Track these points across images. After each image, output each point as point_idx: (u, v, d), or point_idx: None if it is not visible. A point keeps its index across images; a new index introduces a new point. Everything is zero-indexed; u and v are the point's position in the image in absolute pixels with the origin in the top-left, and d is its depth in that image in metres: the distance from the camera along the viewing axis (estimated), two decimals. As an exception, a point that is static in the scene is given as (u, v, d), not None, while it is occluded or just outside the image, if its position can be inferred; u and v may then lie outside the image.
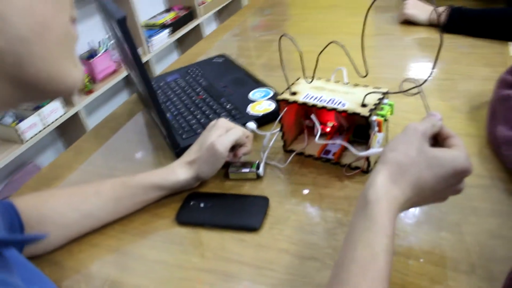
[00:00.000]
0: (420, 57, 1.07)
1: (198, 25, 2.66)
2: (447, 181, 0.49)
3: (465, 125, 0.79)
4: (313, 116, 0.71)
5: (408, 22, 1.20)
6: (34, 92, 0.29)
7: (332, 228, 0.62)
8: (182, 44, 2.81)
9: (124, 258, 0.64)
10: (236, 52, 1.26)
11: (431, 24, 1.17)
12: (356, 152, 0.64)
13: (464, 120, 0.80)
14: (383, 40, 1.16)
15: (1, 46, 0.25)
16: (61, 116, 1.94)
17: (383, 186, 0.47)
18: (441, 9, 1.13)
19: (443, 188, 0.50)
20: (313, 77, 0.72)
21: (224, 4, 2.93)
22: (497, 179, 0.65)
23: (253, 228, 0.63)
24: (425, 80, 0.57)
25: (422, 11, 1.17)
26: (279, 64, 1.14)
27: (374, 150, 0.63)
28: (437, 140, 0.54)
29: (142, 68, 0.69)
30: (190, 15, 2.59)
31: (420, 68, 1.02)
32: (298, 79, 0.76)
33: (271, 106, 0.87)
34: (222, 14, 3.13)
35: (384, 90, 0.67)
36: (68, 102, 1.97)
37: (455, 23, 1.09)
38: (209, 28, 3.03)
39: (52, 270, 0.63)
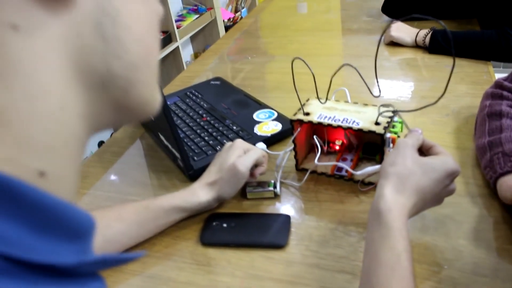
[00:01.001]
0: (410, 77, 1.13)
1: (175, 49, 2.68)
2: (443, 182, 0.56)
3: (461, 139, 0.84)
4: (315, 138, 0.75)
5: (394, 44, 1.27)
6: (126, 115, 0.31)
7: (357, 242, 0.64)
8: (159, 67, 2.81)
9: (151, 282, 0.64)
10: (229, 74, 1.29)
11: (415, 46, 1.24)
12: (354, 172, 0.70)
13: (458, 134, 0.85)
14: (372, 61, 1.22)
15: (116, 71, 0.26)
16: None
17: (391, 197, 0.53)
18: (424, 31, 1.21)
19: (440, 189, 0.57)
20: (326, 98, 0.75)
21: (200, 28, 2.97)
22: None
23: (280, 245, 0.65)
24: (436, 102, 0.61)
25: (407, 34, 1.23)
26: (273, 86, 1.18)
27: (371, 168, 0.67)
28: (422, 151, 0.62)
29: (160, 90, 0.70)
30: (169, 38, 2.61)
31: (409, 88, 1.07)
32: (308, 100, 0.79)
33: (277, 126, 0.90)
34: (197, 38, 3.16)
35: (393, 108, 0.72)
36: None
37: (438, 44, 1.17)
38: (185, 52, 3.05)
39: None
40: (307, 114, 0.75)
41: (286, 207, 0.74)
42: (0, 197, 0.20)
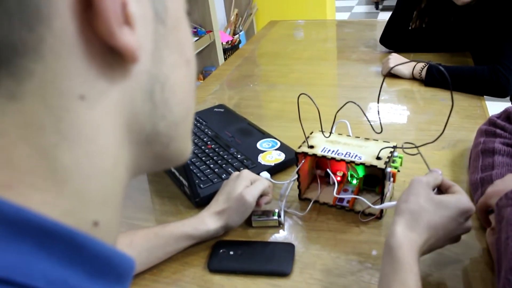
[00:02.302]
0: (407, 109, 1.17)
1: (175, 70, 2.72)
2: (456, 220, 0.59)
3: (456, 172, 0.88)
4: (329, 170, 0.78)
5: (392, 75, 1.32)
6: (162, 164, 0.34)
7: (358, 271, 0.67)
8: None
9: (161, 307, 0.67)
10: (231, 101, 1.33)
11: (412, 78, 1.29)
12: (373, 206, 0.72)
13: (453, 167, 0.89)
14: (371, 92, 1.27)
15: (161, 130, 0.29)
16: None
17: (402, 234, 0.56)
18: (420, 65, 1.26)
19: (455, 227, 0.59)
20: (330, 132, 0.79)
21: (199, 50, 3.02)
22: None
23: (284, 273, 0.68)
24: (435, 141, 0.65)
25: (404, 66, 1.29)
26: (275, 114, 1.22)
27: (388, 203, 0.71)
28: (441, 191, 0.65)
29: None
30: (168, 60, 2.66)
31: (406, 119, 1.12)
32: (312, 133, 0.83)
33: (280, 156, 0.94)
34: (196, 59, 3.22)
35: (394, 144, 0.76)
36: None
37: (434, 78, 1.22)
38: (183, 72, 3.10)
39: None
40: (311, 147, 0.78)
41: (290, 235, 0.77)
42: (65, 248, 0.23)
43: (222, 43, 3.24)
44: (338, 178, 0.84)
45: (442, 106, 1.13)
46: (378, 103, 0.66)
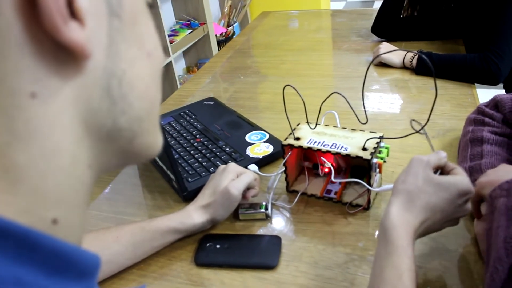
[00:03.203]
0: (398, 98, 1.17)
1: (168, 63, 2.71)
2: (454, 202, 0.57)
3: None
4: (323, 158, 0.78)
5: (382, 64, 1.31)
6: (130, 159, 0.33)
7: (344, 263, 0.67)
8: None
9: (148, 302, 0.67)
10: (222, 94, 1.32)
11: (403, 67, 1.28)
12: (372, 188, 0.71)
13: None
14: (362, 81, 1.26)
15: (122, 125, 0.29)
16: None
17: (397, 215, 0.55)
18: (411, 53, 1.25)
19: (453, 209, 0.58)
20: (316, 124, 0.79)
21: (193, 42, 3.01)
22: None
23: (271, 266, 0.68)
24: (423, 126, 0.65)
25: (395, 55, 1.28)
26: (265, 106, 1.22)
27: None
28: (443, 173, 0.63)
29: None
30: (161, 53, 2.64)
31: (397, 109, 1.11)
32: (298, 125, 0.82)
33: (269, 148, 0.93)
34: (190, 52, 3.20)
35: (380, 134, 0.75)
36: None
37: (425, 67, 1.21)
38: (178, 66, 3.09)
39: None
40: (298, 139, 0.78)
41: (277, 228, 0.76)
42: (19, 246, 0.23)
43: (216, 35, 3.22)
44: (326, 170, 0.84)
45: (432, 95, 1.12)
46: (362, 92, 0.65)
